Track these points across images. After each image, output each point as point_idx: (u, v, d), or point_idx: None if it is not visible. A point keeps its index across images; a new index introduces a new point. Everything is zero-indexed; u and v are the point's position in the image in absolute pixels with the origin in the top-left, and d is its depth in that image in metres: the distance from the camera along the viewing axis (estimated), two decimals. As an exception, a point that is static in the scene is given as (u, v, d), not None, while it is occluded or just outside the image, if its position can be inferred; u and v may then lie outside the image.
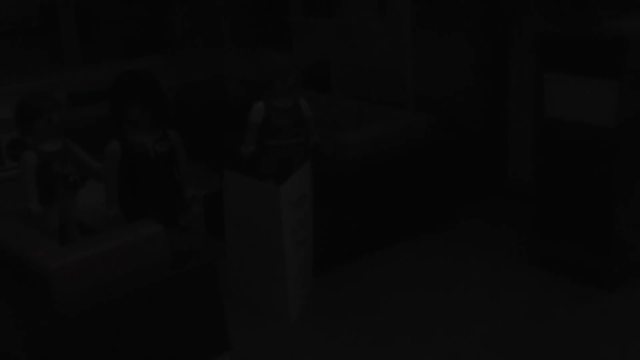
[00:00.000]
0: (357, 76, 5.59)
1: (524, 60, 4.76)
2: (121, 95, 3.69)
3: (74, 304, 2.78)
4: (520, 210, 4.70)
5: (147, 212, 3.42)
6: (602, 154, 3.74)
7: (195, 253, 3.26)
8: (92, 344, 2.81)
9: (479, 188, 5.11)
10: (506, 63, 4.97)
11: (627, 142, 3.68)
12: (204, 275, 3.16)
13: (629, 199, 3.80)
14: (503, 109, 5.06)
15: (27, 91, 3.74)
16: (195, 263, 3.17)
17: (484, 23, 4.87)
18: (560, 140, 3.91)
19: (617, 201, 3.75)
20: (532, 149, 4.10)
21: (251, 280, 3.93)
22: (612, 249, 3.82)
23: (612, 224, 3.79)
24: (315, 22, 5.98)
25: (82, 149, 3.78)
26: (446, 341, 3.55)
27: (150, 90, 3.72)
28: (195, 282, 3.13)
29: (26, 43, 6.76)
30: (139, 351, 2.96)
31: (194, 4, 7.05)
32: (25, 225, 3.22)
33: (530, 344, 3.49)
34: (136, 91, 3.68)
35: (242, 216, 3.85)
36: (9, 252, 3.02)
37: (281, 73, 4.15)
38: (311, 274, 4.10)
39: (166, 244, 3.05)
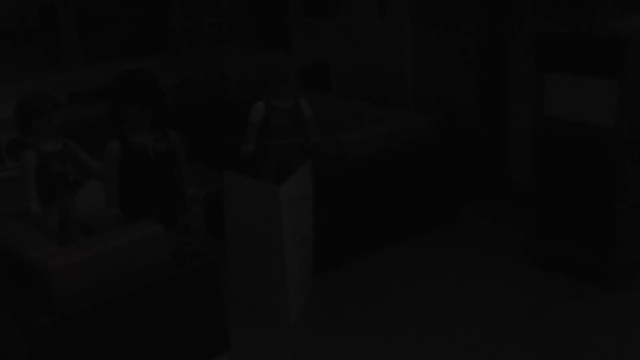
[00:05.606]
0: (357, 76, 5.59)
1: (524, 60, 4.76)
2: (121, 95, 3.70)
3: (74, 303, 2.77)
4: (521, 210, 4.69)
5: (147, 212, 3.42)
6: (602, 154, 3.74)
7: (195, 253, 3.26)
8: (93, 344, 2.81)
9: (479, 188, 5.11)
10: (506, 63, 4.97)
11: (627, 142, 3.68)
12: (204, 275, 3.16)
13: (628, 198, 3.80)
14: (503, 109, 5.06)
15: (27, 91, 3.75)
16: (195, 263, 3.17)
17: (483, 23, 4.87)
18: (560, 140, 3.91)
19: (617, 201, 3.75)
20: (532, 149, 4.10)
21: (251, 280, 3.93)
22: (612, 248, 3.82)
23: (612, 223, 3.78)
24: (315, 22, 5.98)
25: (82, 149, 3.78)
26: (446, 341, 3.55)
27: (149, 90, 3.72)
28: (195, 282, 3.13)
29: (26, 43, 6.76)
30: (139, 351, 2.96)
31: (194, 3, 7.04)
32: (25, 225, 3.22)
33: (531, 343, 3.48)
34: (136, 91, 3.68)
35: (242, 216, 3.85)
36: (9, 252, 3.02)
37: (280, 72, 4.15)
38: (311, 274, 4.10)
39: (166, 244, 3.05)
